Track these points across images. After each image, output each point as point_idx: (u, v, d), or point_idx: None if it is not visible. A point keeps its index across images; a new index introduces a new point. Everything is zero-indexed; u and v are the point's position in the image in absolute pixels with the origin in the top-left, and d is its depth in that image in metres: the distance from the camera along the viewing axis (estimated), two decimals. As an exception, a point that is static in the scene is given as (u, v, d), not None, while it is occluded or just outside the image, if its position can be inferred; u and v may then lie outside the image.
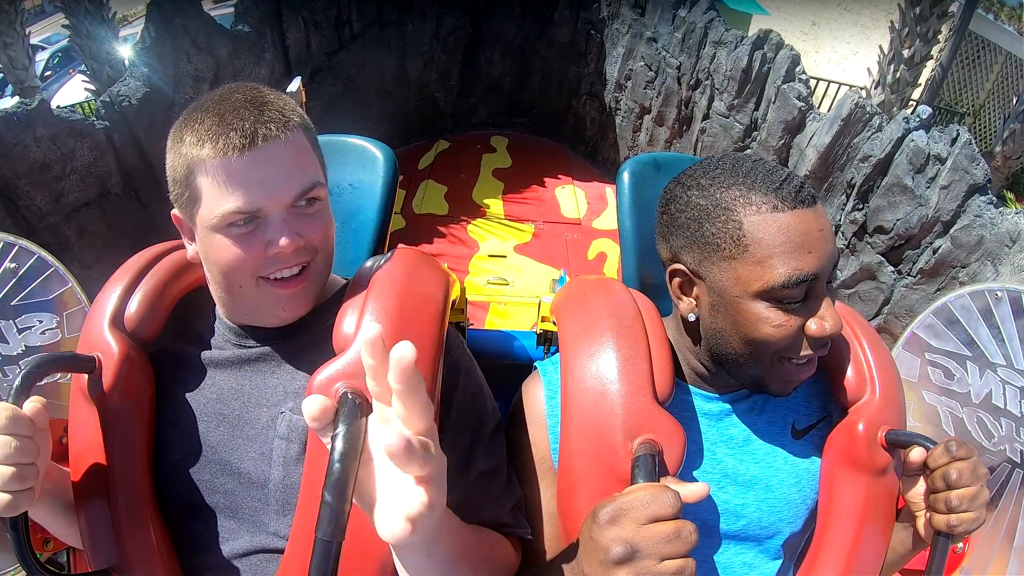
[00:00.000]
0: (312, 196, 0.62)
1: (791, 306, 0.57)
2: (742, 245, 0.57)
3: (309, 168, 0.62)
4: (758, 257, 0.56)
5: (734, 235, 0.58)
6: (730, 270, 0.58)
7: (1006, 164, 5.08)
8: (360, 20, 3.94)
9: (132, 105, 2.71)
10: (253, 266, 0.61)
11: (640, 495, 0.48)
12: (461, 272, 3.48)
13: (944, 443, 0.58)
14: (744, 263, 0.57)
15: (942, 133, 2.43)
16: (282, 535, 0.62)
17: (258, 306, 0.64)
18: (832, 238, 0.57)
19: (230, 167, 0.57)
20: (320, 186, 0.63)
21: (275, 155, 0.59)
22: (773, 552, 0.69)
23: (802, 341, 0.59)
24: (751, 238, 0.57)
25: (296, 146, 0.61)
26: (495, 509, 0.64)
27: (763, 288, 0.56)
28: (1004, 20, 6.86)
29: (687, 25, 3.62)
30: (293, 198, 0.60)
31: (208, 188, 0.59)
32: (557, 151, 4.75)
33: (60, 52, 7.17)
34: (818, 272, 0.56)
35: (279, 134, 0.59)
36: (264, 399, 0.65)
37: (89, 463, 0.63)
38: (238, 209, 0.58)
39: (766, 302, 0.57)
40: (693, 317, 0.64)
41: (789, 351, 0.59)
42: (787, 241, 0.55)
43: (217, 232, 0.60)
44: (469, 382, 0.68)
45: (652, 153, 0.93)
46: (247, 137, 0.57)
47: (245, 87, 0.62)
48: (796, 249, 0.55)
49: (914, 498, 0.63)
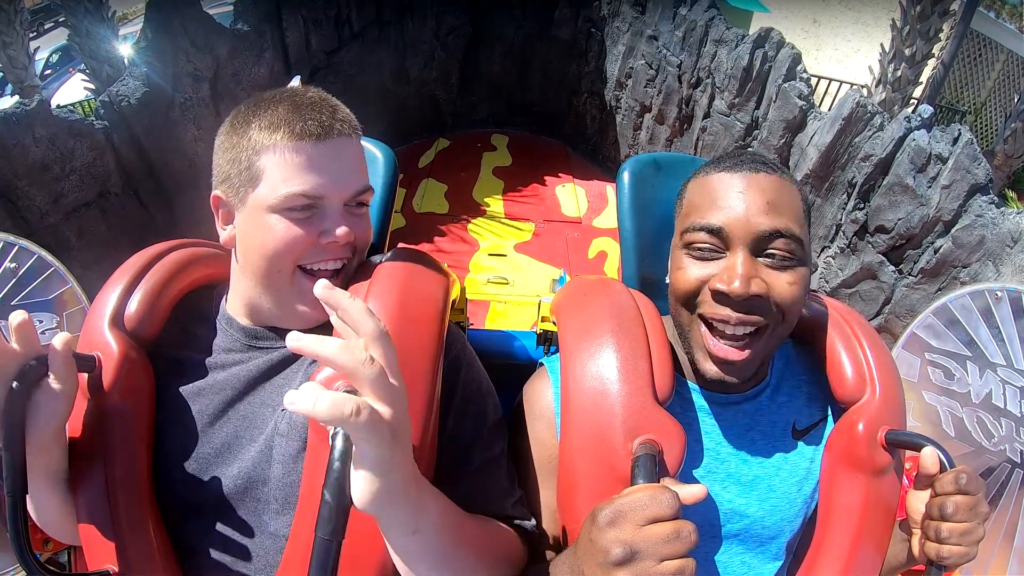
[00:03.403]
0: (364, 199, 0.67)
1: (700, 254, 0.62)
2: (681, 205, 0.68)
3: (366, 172, 0.67)
4: (685, 212, 0.67)
5: (680, 200, 0.69)
6: (676, 229, 0.68)
7: (1007, 163, 5.07)
8: (360, 19, 3.94)
9: (131, 105, 2.71)
10: (300, 251, 0.62)
11: (639, 496, 0.48)
12: (461, 271, 3.48)
13: (955, 472, 0.57)
14: (679, 219, 0.68)
15: (943, 132, 2.42)
16: (281, 534, 0.62)
17: (285, 300, 0.64)
18: (764, 206, 0.60)
19: (305, 151, 0.60)
20: (371, 192, 0.68)
21: (345, 151, 0.63)
22: (773, 552, 0.69)
23: (705, 294, 0.62)
24: (687, 198, 0.67)
25: (360, 150, 0.67)
26: (499, 502, 0.64)
27: (679, 234, 0.66)
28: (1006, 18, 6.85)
29: (688, 23, 3.61)
30: (353, 194, 0.64)
31: (275, 169, 0.61)
32: (557, 149, 4.75)
33: (59, 51, 7.17)
34: (721, 225, 0.61)
35: (350, 133, 0.64)
36: (266, 399, 0.65)
37: (89, 463, 0.63)
38: (304, 192, 0.60)
39: (684, 247, 0.64)
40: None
41: (692, 301, 0.63)
42: (704, 198, 0.64)
43: (273, 212, 0.61)
44: (470, 378, 0.68)
45: (652, 153, 0.93)
46: (324, 128, 0.61)
47: (314, 90, 0.66)
48: (710, 203, 0.63)
49: (914, 513, 0.63)
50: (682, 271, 0.63)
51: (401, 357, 0.56)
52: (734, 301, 0.59)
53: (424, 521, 0.49)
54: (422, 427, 0.57)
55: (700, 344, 0.63)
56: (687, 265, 0.63)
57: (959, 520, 0.56)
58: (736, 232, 0.60)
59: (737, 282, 0.58)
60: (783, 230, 0.59)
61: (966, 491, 0.56)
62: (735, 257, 0.60)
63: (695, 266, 0.62)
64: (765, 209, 0.60)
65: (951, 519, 0.56)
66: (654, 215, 0.88)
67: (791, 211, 0.61)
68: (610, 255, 3.72)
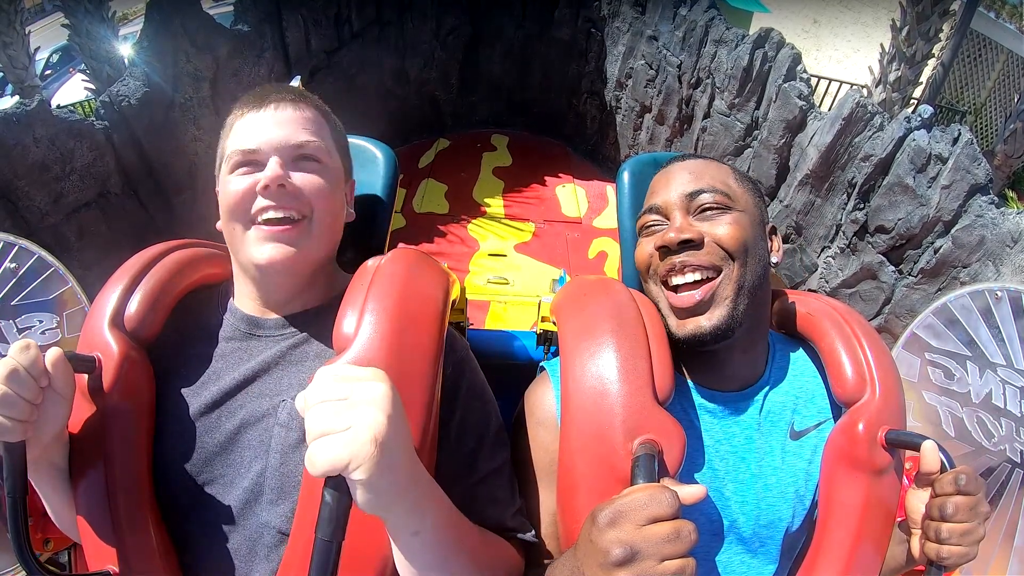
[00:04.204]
0: (308, 154, 0.68)
1: (649, 230, 0.73)
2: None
3: (314, 134, 0.69)
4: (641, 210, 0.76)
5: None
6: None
7: (1007, 163, 5.07)
8: (360, 19, 3.94)
9: (131, 105, 2.71)
10: (247, 203, 0.66)
11: (638, 496, 0.48)
12: (461, 271, 3.48)
13: (955, 473, 0.57)
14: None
15: (943, 132, 2.42)
16: (273, 525, 0.62)
17: (250, 253, 0.66)
18: (688, 177, 0.71)
19: (246, 118, 0.68)
20: (320, 150, 0.69)
21: (282, 115, 0.68)
22: (773, 552, 0.69)
23: (655, 257, 0.70)
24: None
25: (305, 116, 0.69)
26: (499, 512, 0.64)
27: (638, 228, 0.75)
28: (1006, 18, 6.84)
29: (688, 23, 3.61)
30: (288, 145, 0.67)
31: (227, 141, 0.69)
32: (557, 150, 4.75)
33: (60, 51, 7.17)
34: (658, 203, 0.72)
35: (290, 104, 0.69)
36: (266, 390, 0.66)
37: (89, 463, 0.63)
38: (240, 148, 0.66)
39: (641, 235, 0.74)
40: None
41: (652, 268, 0.71)
42: (649, 192, 0.76)
43: (227, 175, 0.67)
44: (473, 383, 0.68)
45: (652, 153, 0.93)
46: (261, 100, 0.68)
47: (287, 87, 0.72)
48: (650, 194, 0.75)
49: (913, 514, 0.63)
50: (639, 249, 0.73)
51: (401, 357, 0.57)
52: (673, 251, 0.67)
53: (425, 522, 0.49)
54: (422, 428, 0.57)
55: (666, 306, 0.69)
56: (641, 243, 0.73)
57: (959, 520, 0.56)
58: (670, 201, 0.70)
59: (672, 233, 0.67)
60: (705, 188, 0.69)
61: (966, 491, 0.56)
62: (672, 220, 0.69)
63: (646, 241, 0.72)
64: (689, 179, 0.71)
65: (951, 519, 0.56)
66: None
67: (714, 176, 0.71)
68: (610, 255, 3.72)
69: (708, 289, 0.65)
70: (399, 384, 0.46)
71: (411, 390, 0.55)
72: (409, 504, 0.47)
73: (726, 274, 0.66)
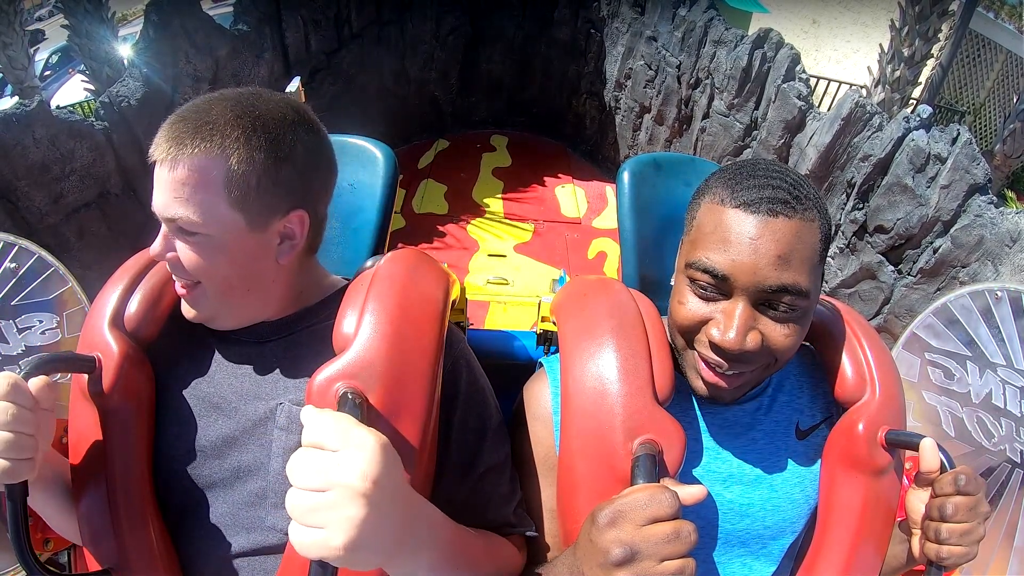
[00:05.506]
0: (181, 227, 0.60)
1: (703, 292, 0.60)
2: (692, 225, 0.64)
3: (184, 203, 0.58)
4: (693, 237, 0.62)
5: (692, 215, 0.65)
6: (682, 246, 0.66)
7: (1006, 163, 5.07)
8: (360, 19, 3.94)
9: (131, 105, 2.71)
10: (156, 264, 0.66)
11: (638, 496, 0.48)
12: (461, 271, 3.48)
13: (954, 473, 0.57)
14: (687, 241, 0.64)
15: (942, 133, 2.43)
16: (279, 528, 0.62)
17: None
18: (774, 260, 0.56)
19: (156, 172, 0.61)
20: (191, 223, 0.59)
21: (164, 174, 0.59)
22: (775, 553, 0.69)
23: (702, 334, 0.61)
24: (698, 221, 0.62)
25: (177, 180, 0.58)
26: (500, 509, 0.64)
27: (684, 264, 0.62)
28: (1004, 19, 6.85)
29: (687, 24, 3.62)
30: (164, 219, 0.61)
31: None
32: (557, 150, 4.75)
33: (59, 51, 7.17)
34: (727, 273, 0.57)
35: (169, 162, 0.58)
36: (263, 392, 0.65)
37: (89, 463, 0.63)
38: (153, 206, 0.62)
39: (688, 279, 0.62)
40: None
41: (690, 336, 0.62)
42: (715, 232, 0.59)
43: None
44: (472, 380, 0.68)
45: (652, 153, 0.93)
46: (166, 152, 0.58)
47: (231, 92, 0.63)
48: (719, 242, 0.58)
49: (913, 514, 0.63)
50: (683, 306, 0.61)
51: (401, 358, 0.57)
52: (727, 352, 0.58)
53: (421, 562, 0.49)
54: (422, 430, 0.57)
55: (692, 366, 0.64)
56: (688, 300, 0.61)
57: (959, 521, 0.56)
58: (740, 282, 0.57)
59: (732, 334, 0.57)
60: (790, 286, 0.56)
61: (965, 492, 0.56)
62: (735, 307, 0.58)
63: (696, 303, 0.60)
64: (775, 263, 0.56)
65: (950, 520, 0.56)
66: (654, 215, 0.88)
67: (803, 263, 0.57)
68: (610, 255, 3.72)
69: (743, 381, 0.62)
70: (399, 384, 0.46)
71: (411, 390, 0.55)
72: (404, 557, 0.47)
73: (764, 368, 0.62)
